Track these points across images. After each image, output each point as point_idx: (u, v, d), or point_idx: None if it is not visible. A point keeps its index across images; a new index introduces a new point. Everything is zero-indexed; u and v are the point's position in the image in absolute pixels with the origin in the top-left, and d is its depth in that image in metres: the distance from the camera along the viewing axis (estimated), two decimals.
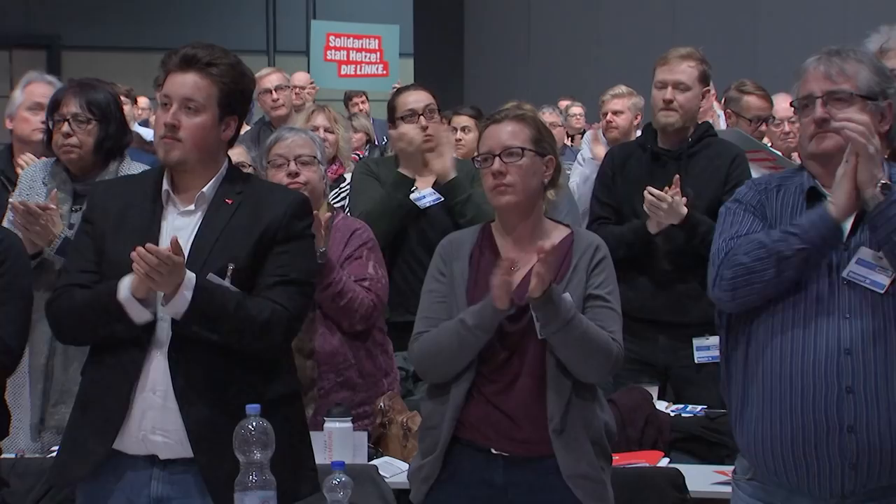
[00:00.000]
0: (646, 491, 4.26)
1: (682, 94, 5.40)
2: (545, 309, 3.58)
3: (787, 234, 3.22)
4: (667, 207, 5.16)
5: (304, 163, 4.82)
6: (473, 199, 5.41)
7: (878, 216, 3.18)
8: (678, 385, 5.42)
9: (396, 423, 4.67)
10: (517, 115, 3.80)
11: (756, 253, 3.22)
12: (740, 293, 3.25)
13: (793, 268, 3.20)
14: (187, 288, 3.37)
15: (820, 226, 3.20)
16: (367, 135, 9.81)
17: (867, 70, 3.31)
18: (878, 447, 3.18)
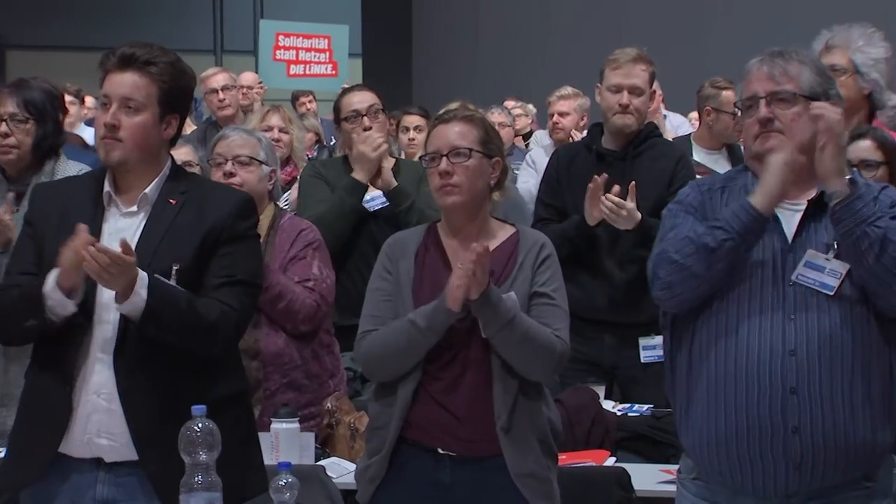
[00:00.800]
0: (592, 490, 4.27)
1: (637, 99, 5.42)
2: (485, 309, 3.59)
3: (712, 227, 3.24)
4: (625, 214, 5.18)
5: (241, 163, 4.80)
6: (416, 206, 5.43)
7: (844, 209, 3.20)
8: (625, 385, 5.45)
9: (344, 424, 4.66)
10: (466, 116, 3.80)
11: (685, 250, 3.25)
12: (676, 290, 3.27)
13: (721, 260, 3.22)
14: (141, 287, 3.35)
15: (742, 216, 3.22)
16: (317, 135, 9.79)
17: (810, 71, 3.34)
18: (821, 447, 3.20)
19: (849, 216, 3.19)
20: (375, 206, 5.58)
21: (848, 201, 3.20)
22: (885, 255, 3.15)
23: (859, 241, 3.17)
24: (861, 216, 3.18)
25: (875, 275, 3.17)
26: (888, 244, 3.15)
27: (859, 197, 3.20)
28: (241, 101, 8.56)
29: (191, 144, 6.21)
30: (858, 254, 3.17)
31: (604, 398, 5.24)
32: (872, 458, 3.27)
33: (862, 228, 3.17)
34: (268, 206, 4.83)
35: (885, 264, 3.16)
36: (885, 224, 3.18)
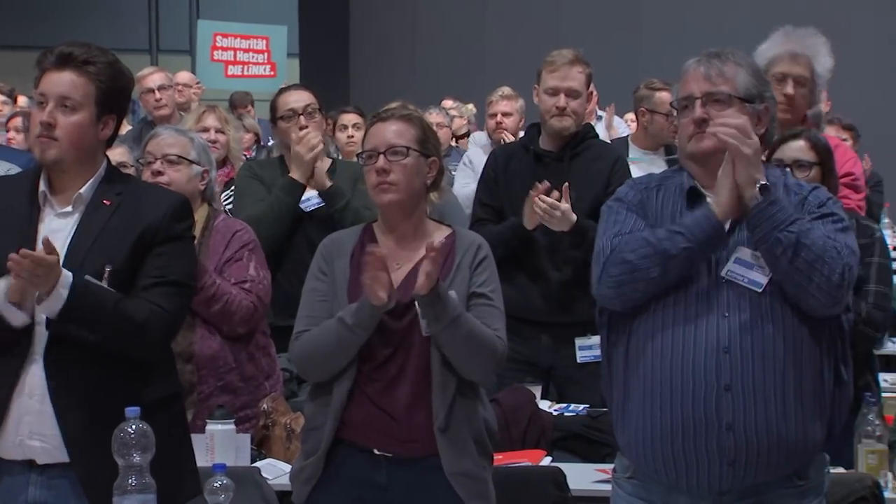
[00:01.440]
0: (527, 489, 4.28)
1: (574, 101, 5.44)
2: (433, 306, 3.58)
3: (673, 233, 3.25)
4: (560, 215, 5.19)
5: (170, 161, 4.76)
6: (351, 206, 5.43)
7: (757, 216, 3.22)
8: (561, 384, 5.46)
9: (280, 425, 4.64)
10: (403, 115, 3.80)
11: (642, 251, 3.25)
12: (626, 290, 3.28)
13: (678, 267, 3.24)
14: (63, 286, 3.32)
15: (705, 226, 3.24)
16: (256, 135, 9.76)
17: (745, 73, 3.37)
18: (754, 444, 3.22)
19: (762, 222, 3.22)
20: (311, 207, 5.57)
21: (760, 208, 3.22)
22: (797, 259, 3.18)
23: (773, 246, 3.20)
24: (774, 222, 3.20)
25: (790, 278, 3.20)
26: (801, 248, 3.18)
27: (772, 203, 3.23)
28: (177, 100, 8.50)
29: (126, 144, 6.16)
30: (773, 258, 3.21)
31: (540, 398, 5.25)
32: (804, 456, 3.29)
33: (774, 234, 3.19)
34: (201, 207, 4.79)
35: (799, 268, 3.18)
36: (798, 228, 3.20)
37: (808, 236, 3.20)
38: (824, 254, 3.19)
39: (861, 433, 4.26)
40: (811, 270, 3.18)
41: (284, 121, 5.66)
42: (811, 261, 3.18)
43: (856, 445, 4.26)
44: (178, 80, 9.03)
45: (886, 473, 4.20)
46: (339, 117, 7.89)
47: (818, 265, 3.18)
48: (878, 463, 4.22)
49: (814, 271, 3.18)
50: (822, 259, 3.18)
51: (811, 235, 3.20)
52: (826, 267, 3.19)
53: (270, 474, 4.41)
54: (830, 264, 3.19)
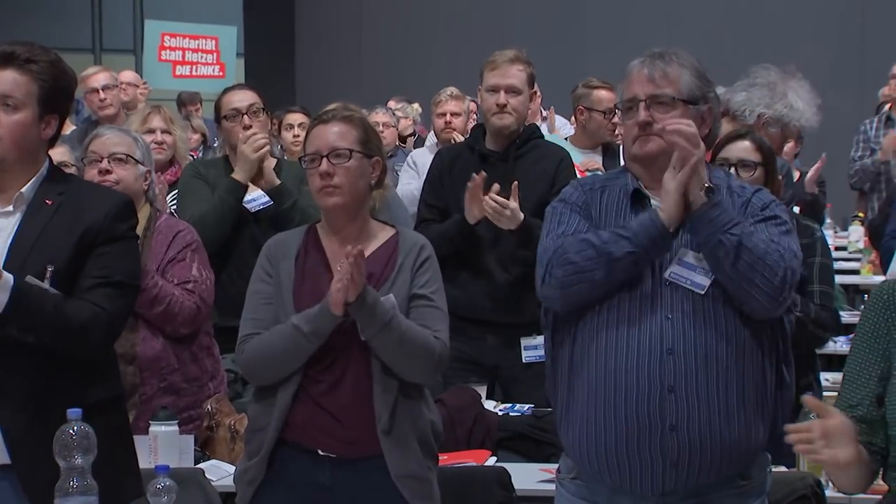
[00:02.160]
0: (472, 490, 4.28)
1: (514, 98, 5.45)
2: (362, 312, 3.58)
3: (618, 236, 3.26)
4: (509, 214, 5.20)
5: (118, 160, 4.73)
6: (299, 205, 5.41)
7: (700, 219, 3.24)
8: (507, 384, 5.47)
9: (224, 426, 4.62)
10: (345, 116, 3.78)
11: (586, 253, 3.26)
12: (570, 292, 3.28)
13: (622, 270, 3.25)
14: (3, 290, 3.29)
15: (651, 230, 3.25)
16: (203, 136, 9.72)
17: (689, 74, 3.38)
18: (697, 445, 3.23)
19: (704, 225, 3.23)
20: (257, 207, 5.55)
21: (703, 211, 3.24)
22: (739, 262, 3.20)
23: (715, 248, 3.21)
24: (717, 224, 3.22)
25: (732, 280, 3.22)
26: (743, 250, 3.20)
27: (716, 205, 3.25)
28: (122, 99, 8.45)
29: (69, 144, 6.11)
30: (716, 261, 3.22)
31: (485, 398, 5.25)
32: (747, 457, 3.32)
33: (717, 237, 3.21)
34: (144, 207, 4.77)
35: (741, 270, 3.20)
36: (740, 231, 3.22)
37: (750, 239, 3.21)
38: (766, 256, 3.21)
39: None
40: (753, 273, 3.20)
41: (228, 120, 5.65)
42: (753, 263, 3.20)
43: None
44: (123, 79, 8.98)
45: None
46: (285, 117, 7.88)
47: (760, 268, 3.20)
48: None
49: (755, 274, 3.20)
50: (763, 262, 3.20)
51: (753, 238, 3.22)
52: (768, 269, 3.21)
53: (214, 475, 4.38)
54: (772, 267, 3.21)
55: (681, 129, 3.26)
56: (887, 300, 2.88)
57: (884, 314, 2.87)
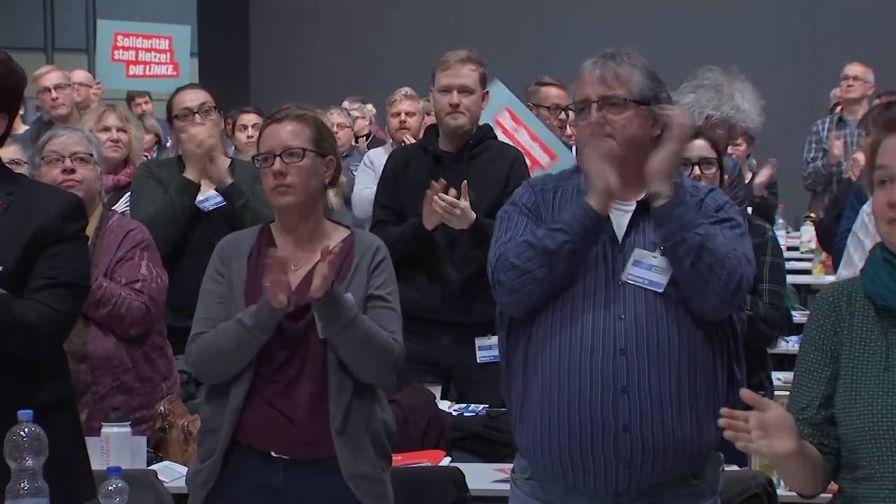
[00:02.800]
0: (426, 490, 4.28)
1: (467, 98, 5.45)
2: (328, 309, 3.57)
3: (552, 230, 3.27)
4: (459, 213, 5.20)
5: (80, 159, 4.72)
6: (251, 204, 5.40)
7: (666, 214, 3.25)
8: (461, 384, 5.47)
9: (177, 427, 4.60)
10: (297, 115, 3.77)
11: (526, 254, 3.26)
12: (519, 296, 3.29)
13: (563, 262, 3.25)
14: None
15: (581, 217, 3.26)
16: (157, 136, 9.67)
17: (640, 75, 3.38)
18: (650, 446, 3.25)
19: (670, 220, 3.25)
20: (211, 206, 5.53)
21: (670, 205, 3.25)
22: (700, 262, 3.21)
23: (678, 245, 3.22)
24: (682, 221, 3.23)
25: (690, 279, 3.23)
26: (704, 251, 3.21)
27: (682, 202, 3.26)
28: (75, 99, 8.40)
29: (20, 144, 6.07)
30: (676, 257, 3.23)
31: (440, 398, 5.26)
32: (700, 456, 3.33)
33: (680, 234, 3.22)
34: (97, 207, 4.75)
35: (700, 270, 3.22)
36: (704, 231, 3.23)
37: (712, 241, 3.23)
38: (726, 260, 3.23)
39: None
40: (711, 274, 3.21)
41: (180, 119, 5.63)
42: (712, 265, 3.21)
43: None
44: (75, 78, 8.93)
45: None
46: (239, 117, 7.86)
47: (718, 270, 3.22)
48: (771, 460, 4.27)
49: (713, 276, 3.22)
50: (722, 264, 3.22)
51: (714, 240, 3.24)
52: (725, 272, 3.22)
53: (167, 477, 4.36)
54: (730, 270, 3.23)
55: (677, 110, 3.32)
56: (833, 302, 2.90)
57: (830, 316, 2.88)
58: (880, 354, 2.80)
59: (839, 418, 2.82)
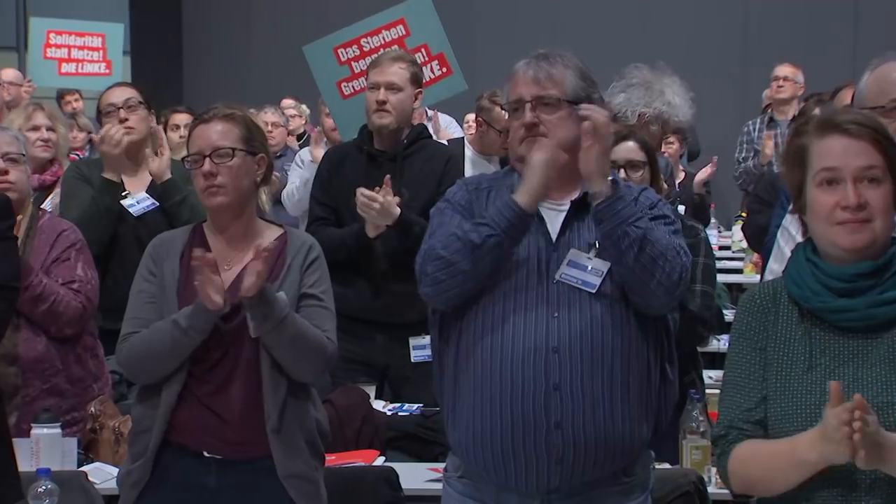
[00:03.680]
0: (360, 489, 4.28)
1: (394, 96, 5.45)
2: (260, 308, 3.56)
3: (478, 224, 3.28)
4: (379, 208, 5.19)
5: (12, 160, 4.68)
6: (188, 201, 5.36)
7: (606, 210, 3.26)
8: (396, 384, 5.47)
9: (108, 428, 4.57)
10: (226, 115, 3.76)
11: (452, 246, 3.27)
12: (443, 287, 3.29)
13: (487, 257, 3.26)
14: None
15: (507, 212, 3.27)
16: (90, 134, 9.60)
17: (574, 76, 3.40)
18: (582, 443, 3.26)
19: (610, 216, 3.26)
20: (141, 210, 5.48)
21: (610, 201, 3.27)
22: (643, 255, 3.23)
23: (620, 240, 3.24)
24: (622, 216, 3.25)
25: (633, 273, 3.25)
26: (646, 244, 3.23)
27: (620, 198, 3.28)
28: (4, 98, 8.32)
29: None
30: (619, 252, 3.25)
31: (374, 398, 5.25)
32: (631, 454, 3.35)
33: (622, 228, 3.24)
34: (28, 206, 4.71)
35: (643, 263, 3.23)
36: (644, 224, 3.26)
37: (653, 233, 3.26)
38: (667, 252, 3.25)
39: (686, 429, 4.35)
40: (654, 267, 3.24)
41: (105, 116, 5.59)
42: (655, 257, 3.24)
43: (681, 441, 4.35)
44: (5, 77, 8.86)
45: (710, 468, 4.28)
46: (171, 117, 7.81)
47: (661, 262, 3.24)
48: (702, 458, 4.31)
49: (656, 268, 3.24)
50: (664, 257, 3.24)
51: (655, 233, 3.26)
52: (668, 265, 3.25)
53: (98, 478, 4.33)
54: (672, 262, 3.25)
55: (594, 116, 3.30)
56: (759, 302, 2.92)
57: (758, 316, 2.90)
58: (804, 355, 2.82)
59: (767, 418, 2.84)
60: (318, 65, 6.55)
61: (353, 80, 6.40)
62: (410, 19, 6.56)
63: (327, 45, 6.62)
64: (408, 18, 6.57)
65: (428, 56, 6.52)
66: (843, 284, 2.80)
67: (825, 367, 2.80)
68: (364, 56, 6.48)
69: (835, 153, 2.81)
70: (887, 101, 3.47)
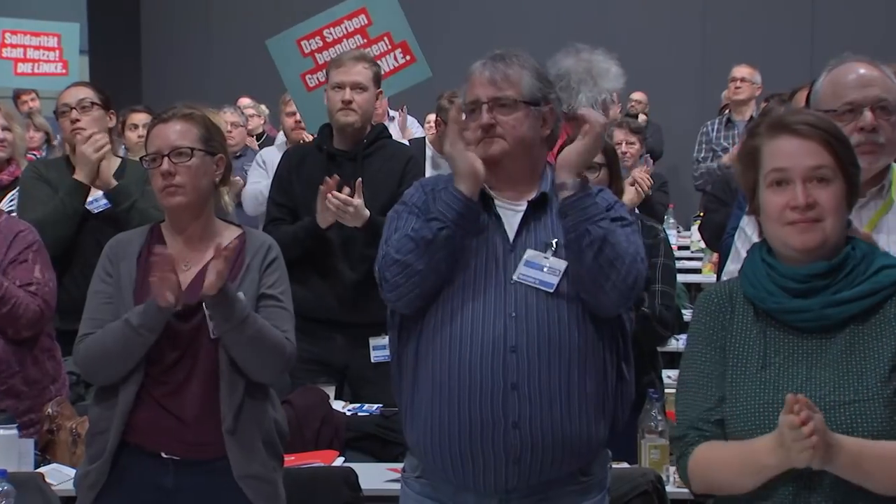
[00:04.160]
0: (319, 490, 4.27)
1: (360, 95, 5.46)
2: (221, 307, 3.55)
3: (427, 220, 3.29)
4: (353, 211, 5.20)
5: None
6: (138, 206, 5.36)
7: (572, 205, 3.28)
8: (355, 384, 5.47)
9: (65, 429, 4.55)
10: (185, 115, 3.75)
11: (406, 247, 3.28)
12: (403, 290, 3.30)
13: (441, 251, 3.26)
14: None
15: (453, 203, 3.28)
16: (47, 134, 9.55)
17: (530, 76, 3.41)
18: (539, 442, 3.26)
19: (576, 211, 3.27)
20: (98, 209, 5.47)
21: (578, 196, 3.28)
22: (601, 255, 3.24)
23: (582, 237, 3.25)
24: (588, 213, 3.27)
25: (590, 272, 3.26)
26: (606, 245, 3.25)
27: (588, 195, 3.30)
28: None
29: None
30: (579, 250, 3.26)
31: (334, 398, 5.25)
32: (588, 453, 3.36)
33: (586, 226, 3.26)
34: None
35: (601, 264, 3.25)
36: (607, 225, 3.27)
37: (614, 235, 3.27)
38: (625, 254, 3.26)
39: (644, 429, 4.36)
40: (611, 268, 3.25)
41: (60, 116, 5.57)
42: (613, 258, 3.25)
43: (639, 441, 4.37)
44: None
45: (669, 468, 4.31)
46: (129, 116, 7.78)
47: (618, 264, 3.25)
48: (660, 457, 4.33)
49: (613, 269, 3.25)
50: (622, 259, 3.26)
51: (616, 235, 3.28)
52: (624, 267, 3.26)
53: (55, 480, 4.32)
54: (628, 265, 3.26)
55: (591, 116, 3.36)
56: (716, 302, 2.93)
57: (716, 315, 2.91)
58: (759, 354, 2.84)
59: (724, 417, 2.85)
60: (282, 58, 6.56)
61: (317, 71, 6.40)
62: (372, 8, 6.58)
63: (290, 37, 6.63)
64: (370, 7, 6.58)
65: (391, 44, 6.54)
66: (798, 285, 2.82)
67: (779, 366, 2.81)
68: (327, 47, 6.49)
69: (785, 154, 2.83)
70: (840, 105, 3.49)
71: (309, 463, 4.54)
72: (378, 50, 6.55)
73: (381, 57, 6.50)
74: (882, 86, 3.51)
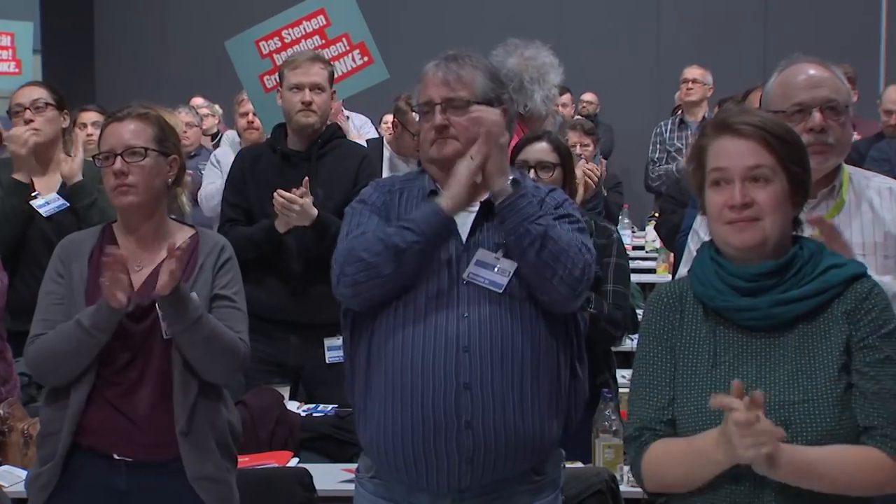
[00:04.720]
0: (273, 491, 4.27)
1: (318, 96, 5.46)
2: (174, 307, 3.54)
3: (402, 228, 3.29)
4: (299, 210, 5.19)
5: None
6: (98, 204, 5.32)
7: (509, 207, 3.29)
8: (310, 385, 5.47)
9: (17, 431, 4.53)
10: (140, 114, 3.74)
11: (375, 249, 3.28)
12: (362, 289, 3.30)
13: (410, 261, 3.27)
14: None
15: (432, 219, 3.29)
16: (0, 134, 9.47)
17: (483, 77, 3.42)
18: (492, 442, 3.27)
19: (513, 214, 3.29)
20: (51, 211, 5.43)
21: (511, 200, 3.29)
22: (544, 251, 3.26)
23: (522, 237, 3.27)
24: (524, 214, 3.28)
25: (536, 269, 3.28)
26: (548, 240, 3.26)
27: (522, 196, 3.31)
28: None
29: None
30: (522, 249, 3.27)
31: (288, 399, 5.24)
32: (541, 452, 3.37)
33: (524, 226, 3.27)
34: None
35: (546, 259, 3.26)
36: (545, 222, 3.29)
37: (555, 230, 3.28)
38: (569, 248, 3.28)
39: (598, 428, 4.38)
40: (556, 263, 3.26)
41: (13, 116, 5.53)
42: (557, 253, 3.26)
43: (593, 440, 4.38)
44: None
45: (623, 467, 4.32)
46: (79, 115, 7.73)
47: (563, 258, 3.26)
48: (614, 457, 4.35)
49: (558, 264, 3.26)
50: (566, 253, 3.27)
51: (557, 230, 3.29)
52: (570, 261, 3.27)
53: (6, 481, 4.30)
54: (574, 259, 3.28)
55: (483, 118, 3.33)
56: (666, 302, 2.95)
57: (666, 315, 2.93)
58: (709, 353, 2.86)
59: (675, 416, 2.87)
60: (240, 59, 6.54)
61: (275, 72, 6.40)
62: (331, 9, 6.58)
63: (249, 37, 6.62)
64: (328, 8, 6.59)
65: (349, 45, 6.55)
66: (747, 284, 2.84)
67: (729, 365, 2.83)
68: (286, 48, 6.49)
69: (725, 153, 2.86)
70: (789, 106, 3.51)
71: (263, 464, 4.53)
72: (336, 51, 6.55)
73: (339, 58, 6.51)
74: (831, 86, 3.53)
